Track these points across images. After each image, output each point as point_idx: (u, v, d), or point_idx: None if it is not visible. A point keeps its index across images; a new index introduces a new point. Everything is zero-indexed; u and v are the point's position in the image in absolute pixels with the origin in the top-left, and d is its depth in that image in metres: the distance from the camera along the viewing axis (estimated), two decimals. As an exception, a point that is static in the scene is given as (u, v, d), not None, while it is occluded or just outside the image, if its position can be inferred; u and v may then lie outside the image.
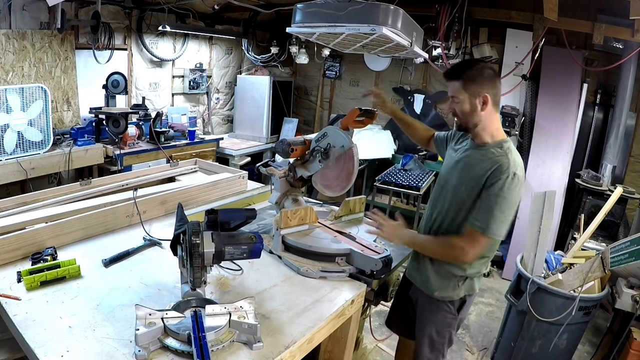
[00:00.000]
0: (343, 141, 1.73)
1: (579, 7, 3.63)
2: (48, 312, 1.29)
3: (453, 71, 1.57)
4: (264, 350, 1.19)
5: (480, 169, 1.52)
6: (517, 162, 1.50)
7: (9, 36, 3.26)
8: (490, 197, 1.47)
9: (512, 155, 1.51)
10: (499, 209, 1.45)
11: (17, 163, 3.06)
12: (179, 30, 4.50)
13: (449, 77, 1.58)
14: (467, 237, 1.51)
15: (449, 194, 1.63)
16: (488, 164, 1.50)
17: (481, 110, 1.52)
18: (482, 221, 1.47)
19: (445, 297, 1.67)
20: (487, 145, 1.56)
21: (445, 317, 1.71)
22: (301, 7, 2.09)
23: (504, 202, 1.45)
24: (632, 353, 2.23)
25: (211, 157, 4.45)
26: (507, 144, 1.56)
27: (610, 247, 2.23)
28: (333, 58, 5.52)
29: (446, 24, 3.78)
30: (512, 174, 1.46)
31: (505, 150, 1.52)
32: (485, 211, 1.47)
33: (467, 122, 1.57)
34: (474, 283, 1.67)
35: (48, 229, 1.67)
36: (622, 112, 3.68)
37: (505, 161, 1.48)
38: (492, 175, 1.48)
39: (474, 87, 1.51)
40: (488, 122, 1.56)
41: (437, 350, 1.76)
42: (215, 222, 1.37)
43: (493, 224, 1.46)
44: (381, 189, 4.33)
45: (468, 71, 1.53)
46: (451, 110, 1.59)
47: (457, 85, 1.54)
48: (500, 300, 3.48)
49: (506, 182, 1.45)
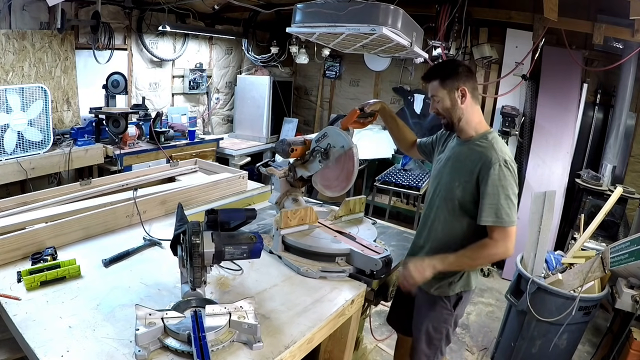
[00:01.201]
0: (343, 141, 1.74)
1: (579, 7, 3.63)
2: (48, 312, 1.29)
3: (430, 73, 1.65)
4: (264, 350, 1.19)
5: (470, 163, 1.57)
6: (504, 150, 1.56)
7: (9, 36, 3.27)
8: (492, 191, 1.50)
9: (498, 145, 1.57)
10: (505, 199, 1.50)
11: (17, 163, 3.06)
12: (179, 30, 4.50)
13: (427, 79, 1.65)
14: (497, 237, 1.52)
15: (442, 192, 1.66)
16: (477, 158, 1.55)
17: (461, 104, 1.59)
18: (497, 216, 1.50)
19: (441, 293, 1.70)
20: (472, 138, 1.62)
21: (442, 313, 1.73)
22: (301, 7, 2.08)
23: (506, 191, 1.50)
24: (632, 353, 2.23)
25: (211, 157, 4.45)
26: (491, 134, 1.61)
27: (610, 247, 2.23)
28: (333, 58, 5.52)
29: (446, 24, 3.78)
30: (503, 162, 1.51)
31: (490, 141, 1.58)
32: (495, 206, 1.50)
33: (452, 118, 1.62)
34: (470, 279, 1.70)
35: (48, 229, 1.67)
36: (622, 112, 3.68)
37: (492, 152, 1.53)
38: (484, 168, 1.52)
39: (451, 82, 1.58)
40: (470, 116, 1.62)
41: (434, 346, 1.78)
42: (215, 222, 1.38)
43: (506, 214, 1.50)
44: (381, 189, 4.33)
45: (443, 69, 1.63)
46: (434, 110, 1.65)
47: (435, 85, 1.61)
48: (500, 300, 3.48)
49: (500, 172, 1.50)
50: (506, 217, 1.50)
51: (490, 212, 1.50)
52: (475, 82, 1.66)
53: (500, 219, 1.50)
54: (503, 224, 1.50)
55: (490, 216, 1.51)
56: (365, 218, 2.13)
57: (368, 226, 2.02)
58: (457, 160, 1.64)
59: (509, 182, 1.51)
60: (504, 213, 1.49)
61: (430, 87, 1.63)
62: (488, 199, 1.51)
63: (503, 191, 1.49)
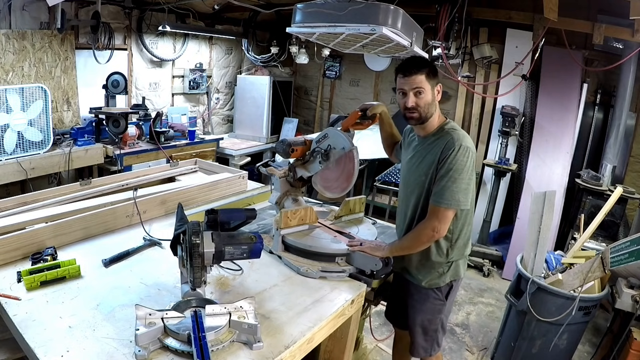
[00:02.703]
0: (344, 143, 1.74)
1: (579, 7, 3.63)
2: (48, 312, 1.29)
3: (414, 65, 1.62)
4: (264, 350, 1.19)
5: (432, 154, 1.62)
6: (463, 136, 1.60)
7: (9, 36, 3.27)
8: (442, 173, 1.56)
9: (457, 132, 1.62)
10: (452, 181, 1.54)
11: (17, 163, 3.06)
12: (179, 30, 4.50)
13: (413, 72, 1.61)
14: (431, 215, 1.59)
15: (416, 187, 1.69)
16: (438, 147, 1.60)
17: (437, 100, 1.65)
18: (439, 196, 1.56)
19: (432, 285, 1.73)
20: (432, 132, 1.67)
21: (435, 304, 1.77)
22: (301, 7, 2.09)
23: (455, 173, 1.54)
24: (632, 353, 2.23)
25: (211, 157, 4.45)
26: (450, 124, 1.67)
27: (610, 247, 2.23)
28: (333, 58, 5.53)
29: (446, 24, 3.78)
30: (459, 146, 1.55)
31: (449, 129, 1.63)
32: (440, 187, 1.56)
33: (427, 113, 1.64)
34: (459, 267, 1.74)
35: (48, 229, 1.67)
36: (622, 112, 3.68)
37: (450, 138, 1.58)
38: (443, 153, 1.57)
39: (434, 78, 1.63)
40: (436, 113, 1.67)
41: (430, 337, 1.82)
42: (215, 222, 1.38)
43: (450, 196, 1.55)
44: (381, 188, 4.33)
45: (427, 64, 1.64)
46: (413, 103, 1.62)
47: (422, 78, 1.61)
48: (500, 300, 3.48)
49: (455, 155, 1.54)
50: (447, 198, 1.54)
51: (438, 192, 1.56)
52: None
53: (441, 199, 1.55)
54: (441, 204, 1.55)
55: (437, 196, 1.56)
56: (365, 218, 2.13)
57: (368, 226, 2.02)
58: (421, 155, 1.68)
59: (461, 165, 1.54)
60: (447, 193, 1.54)
61: (413, 80, 1.60)
62: (439, 181, 1.57)
63: (454, 174, 1.54)
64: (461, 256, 1.74)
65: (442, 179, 1.55)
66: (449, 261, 1.71)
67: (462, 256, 1.74)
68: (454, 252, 1.70)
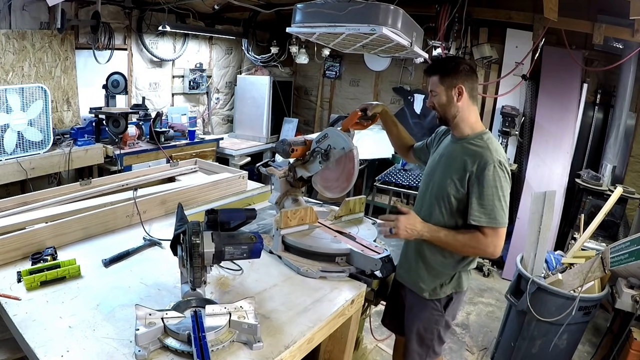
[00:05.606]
0: (344, 143, 1.73)
1: (578, 7, 3.63)
2: (48, 312, 1.29)
3: (432, 67, 1.67)
4: (264, 350, 1.19)
5: (463, 162, 1.56)
6: (499, 151, 1.56)
7: (9, 36, 3.27)
8: (487, 191, 1.51)
9: (494, 145, 1.57)
10: (498, 199, 1.51)
11: (17, 163, 3.06)
12: (179, 30, 4.50)
13: (428, 73, 1.67)
14: (489, 235, 1.53)
15: (435, 189, 1.66)
16: (471, 157, 1.55)
17: (457, 102, 1.60)
18: (491, 217, 1.51)
19: (432, 296, 1.71)
20: (468, 137, 1.62)
21: (433, 314, 1.74)
22: (301, 7, 2.08)
23: (500, 191, 1.51)
24: (632, 353, 2.23)
25: (211, 157, 4.45)
26: (487, 135, 1.61)
27: (610, 247, 2.23)
28: (333, 58, 5.52)
29: (446, 24, 3.78)
30: (498, 162, 1.51)
31: (486, 141, 1.58)
32: (490, 206, 1.50)
33: (446, 114, 1.63)
34: (461, 281, 1.70)
35: (48, 229, 1.67)
36: (622, 112, 3.68)
37: (487, 153, 1.53)
38: (478, 168, 1.52)
39: (449, 79, 1.59)
40: (466, 114, 1.62)
41: (426, 345, 1.79)
42: (215, 222, 1.38)
43: (500, 215, 1.51)
44: (381, 189, 4.33)
45: (445, 66, 1.63)
46: (430, 104, 1.67)
47: (435, 80, 1.63)
48: (500, 300, 3.48)
49: (495, 172, 1.50)
50: (500, 218, 1.50)
51: (483, 212, 1.51)
52: (476, 82, 1.66)
53: (494, 220, 1.50)
54: (497, 225, 1.51)
55: (484, 216, 1.51)
56: (365, 218, 2.13)
57: (368, 226, 2.02)
58: (451, 157, 1.63)
59: (503, 184, 1.51)
60: (498, 214, 1.50)
61: (430, 82, 1.65)
62: (482, 199, 1.51)
63: (497, 192, 1.50)
64: (465, 270, 1.70)
65: (489, 198, 1.50)
66: (455, 273, 1.68)
67: (467, 270, 1.71)
68: (460, 265, 1.66)
